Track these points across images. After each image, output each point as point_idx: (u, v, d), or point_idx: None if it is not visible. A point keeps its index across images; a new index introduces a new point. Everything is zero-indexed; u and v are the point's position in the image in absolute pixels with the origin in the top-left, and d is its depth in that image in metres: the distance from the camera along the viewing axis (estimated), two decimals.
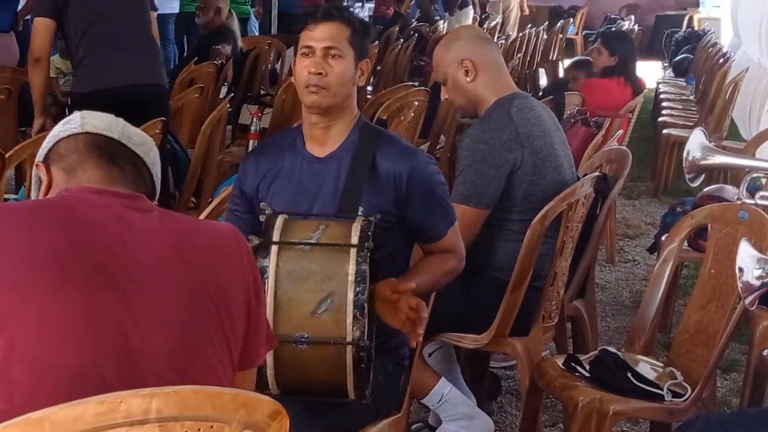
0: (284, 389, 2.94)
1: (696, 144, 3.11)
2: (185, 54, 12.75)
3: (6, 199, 5.09)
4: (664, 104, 11.53)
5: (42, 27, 5.69)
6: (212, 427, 1.92)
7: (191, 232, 2.27)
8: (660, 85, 13.74)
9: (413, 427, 4.33)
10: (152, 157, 2.37)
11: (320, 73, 3.36)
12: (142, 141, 2.37)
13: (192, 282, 2.16)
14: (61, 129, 2.33)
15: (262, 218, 3.10)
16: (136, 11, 6.22)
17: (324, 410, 3.11)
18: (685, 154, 3.18)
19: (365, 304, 2.90)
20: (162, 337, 2.09)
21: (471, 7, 17.10)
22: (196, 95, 7.79)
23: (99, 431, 1.83)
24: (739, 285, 2.72)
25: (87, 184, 2.23)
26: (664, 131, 9.56)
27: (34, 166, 2.36)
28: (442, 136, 8.11)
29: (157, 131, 5.94)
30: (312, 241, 2.97)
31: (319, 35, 3.40)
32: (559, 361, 3.90)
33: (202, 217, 3.96)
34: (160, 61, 6.71)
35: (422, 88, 8.11)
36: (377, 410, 3.32)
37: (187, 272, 2.17)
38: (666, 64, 17.35)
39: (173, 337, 2.11)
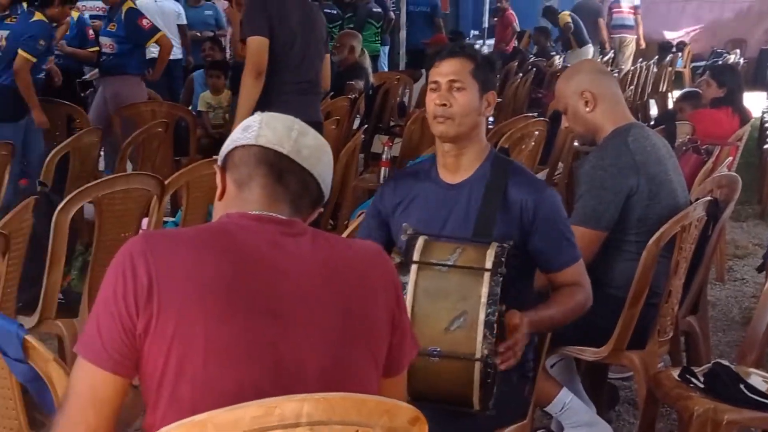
0: (414, 396, 2.90)
1: None
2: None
3: (165, 222, 5.20)
4: None
5: (261, 44, 5.70)
6: (358, 431, 1.93)
7: (340, 252, 2.28)
8: (765, 115, 13.46)
9: (538, 431, 4.31)
10: (320, 168, 2.34)
11: (445, 105, 3.40)
12: (312, 152, 2.35)
13: (342, 303, 2.17)
14: (240, 134, 2.32)
15: (403, 237, 3.13)
16: (321, 52, 6.30)
17: (453, 417, 3.10)
18: None
19: (495, 325, 2.91)
20: (315, 356, 2.10)
21: (590, 44, 16.98)
22: (333, 127, 7.85)
23: None
24: None
25: (250, 206, 2.24)
26: None
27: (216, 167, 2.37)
28: (560, 163, 8.08)
29: None
30: (449, 263, 2.99)
31: (444, 70, 3.44)
32: (675, 373, 3.83)
33: (344, 234, 4.00)
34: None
35: (541, 118, 8.08)
36: (503, 418, 3.30)
37: (338, 294, 2.17)
38: None
39: (325, 356, 2.12)
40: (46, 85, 8.31)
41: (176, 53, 11.99)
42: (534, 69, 13.36)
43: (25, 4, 8.06)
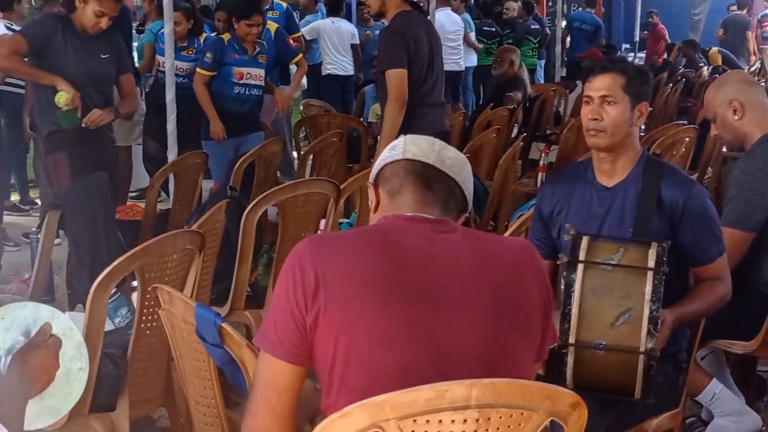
0: (578, 386, 2.93)
1: None
2: (481, 100, 12.90)
3: (340, 223, 5.27)
4: None
5: (401, 76, 5.64)
6: (522, 414, 1.93)
7: (491, 246, 2.29)
8: None
9: (687, 421, 4.23)
10: (464, 176, 2.38)
11: (597, 119, 3.38)
12: (454, 162, 2.38)
13: (496, 291, 2.17)
14: (387, 154, 2.38)
15: (566, 238, 3.13)
16: (443, 67, 6.27)
17: (612, 405, 3.08)
18: None
19: (658, 320, 2.90)
20: (473, 340, 2.11)
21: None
22: (493, 135, 7.86)
23: (428, 414, 1.87)
24: None
25: (403, 209, 2.28)
26: None
27: (368, 186, 2.41)
28: (709, 168, 7.91)
29: None
30: (614, 262, 2.99)
31: (596, 86, 3.42)
32: None
33: (509, 233, 4.00)
34: None
35: (691, 126, 7.97)
36: (657, 406, 3.25)
37: (491, 282, 2.17)
38: None
39: (483, 340, 2.12)
40: None
41: (348, 70, 12.15)
42: (683, 79, 13.11)
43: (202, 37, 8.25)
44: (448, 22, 12.96)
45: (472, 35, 14.22)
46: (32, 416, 2.44)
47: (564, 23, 17.70)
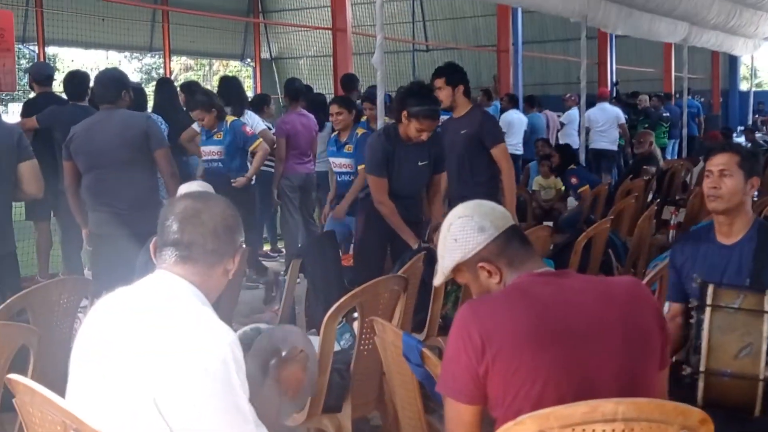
0: (706, 404, 2.84)
1: None
2: (622, 173, 12.72)
3: None
4: None
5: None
6: (659, 426, 1.89)
7: (607, 286, 2.23)
8: None
9: None
10: None
11: (715, 188, 3.30)
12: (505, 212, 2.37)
13: (621, 322, 2.11)
14: (482, 236, 2.25)
15: (694, 285, 3.07)
16: None
17: (735, 420, 2.96)
18: None
19: None
20: (610, 364, 2.06)
21: None
22: (633, 201, 7.72)
23: (582, 424, 1.85)
24: None
25: (525, 269, 2.21)
26: None
27: (478, 268, 2.25)
28: None
29: (605, 227, 5.97)
30: (736, 306, 2.91)
31: (715, 162, 3.35)
32: None
33: (644, 281, 3.92)
34: None
35: None
36: None
37: (617, 315, 2.11)
38: None
39: (618, 363, 2.07)
40: None
41: (519, 149, 12.24)
42: None
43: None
44: (601, 113, 13.07)
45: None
46: (284, 414, 2.53)
47: None
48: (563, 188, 9.61)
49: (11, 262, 4.41)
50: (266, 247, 9.32)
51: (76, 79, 6.79)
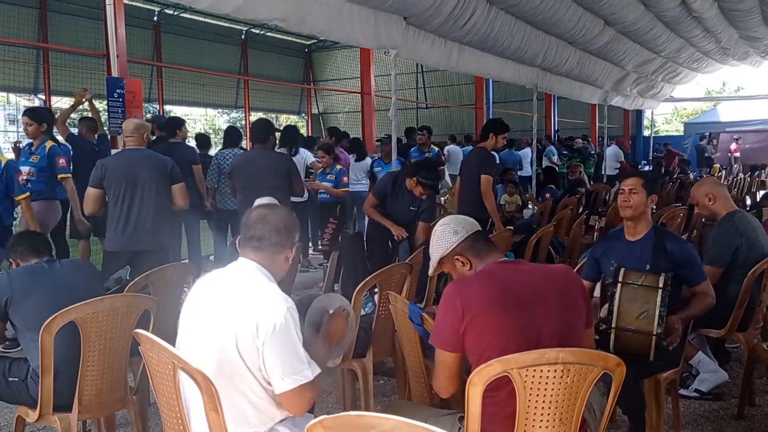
0: (616, 349, 2.84)
1: None
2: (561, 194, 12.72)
3: None
4: None
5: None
6: (588, 368, 1.87)
7: (548, 269, 2.21)
8: None
9: (684, 375, 3.97)
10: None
11: (626, 201, 3.31)
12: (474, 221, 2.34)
13: (558, 293, 2.09)
14: (455, 237, 2.23)
15: (611, 268, 3.06)
16: None
17: (637, 362, 2.92)
18: None
19: (664, 317, 2.82)
20: (552, 323, 2.03)
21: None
22: (569, 212, 7.63)
23: (533, 366, 1.84)
24: None
25: (489, 259, 2.19)
26: None
27: (454, 259, 2.24)
28: (695, 231, 7.47)
29: (549, 230, 5.92)
30: (638, 283, 2.90)
31: (626, 183, 3.37)
32: (765, 345, 3.47)
33: (575, 269, 3.88)
34: None
35: (684, 206, 7.58)
36: (665, 365, 3.08)
37: (556, 288, 2.09)
38: None
39: (558, 322, 2.04)
40: None
41: None
42: (678, 180, 12.58)
43: None
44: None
45: (555, 158, 14.10)
46: (334, 356, 2.51)
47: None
48: (521, 203, 9.59)
49: (163, 255, 4.45)
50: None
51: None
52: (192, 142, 8.49)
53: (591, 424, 2.16)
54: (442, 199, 12.32)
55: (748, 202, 10.47)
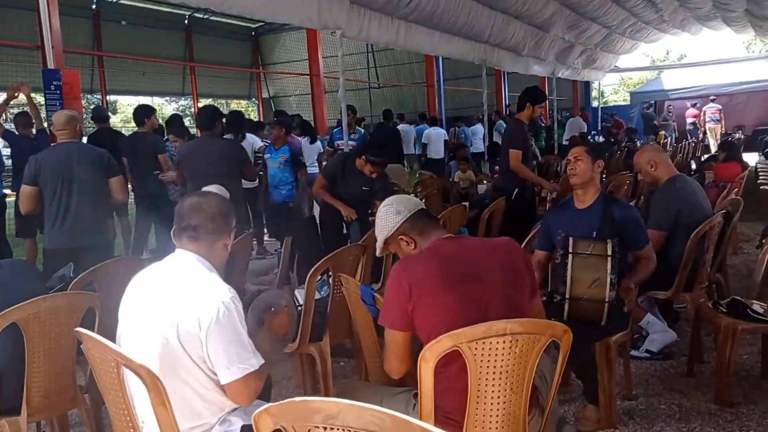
0: (570, 318, 2.89)
1: None
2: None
3: None
4: (760, 174, 10.55)
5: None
6: (536, 337, 1.89)
7: (492, 243, 2.22)
8: (758, 165, 12.43)
9: (635, 336, 4.07)
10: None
11: (572, 169, 3.36)
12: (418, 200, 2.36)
13: (502, 265, 2.09)
14: (397, 218, 2.23)
15: (559, 238, 3.11)
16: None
17: (589, 327, 2.99)
18: None
19: (615, 284, 2.87)
20: (498, 295, 2.04)
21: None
22: None
23: (483, 339, 1.85)
24: None
25: (434, 237, 2.19)
26: (761, 187, 8.78)
27: (399, 239, 2.24)
28: (641, 197, 7.65)
29: (501, 204, 5.96)
30: (588, 252, 2.94)
31: (572, 152, 3.43)
32: (710, 304, 3.56)
33: (527, 239, 3.94)
34: None
35: (630, 174, 7.68)
36: (616, 329, 3.15)
37: (500, 261, 2.10)
38: (761, 154, 15.51)
39: (504, 293, 2.05)
40: None
41: (441, 154, 12.16)
42: (626, 149, 12.85)
43: None
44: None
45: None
46: (280, 349, 2.48)
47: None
48: (474, 179, 9.64)
49: (107, 250, 4.31)
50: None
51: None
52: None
53: (542, 390, 2.19)
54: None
55: (693, 166, 10.81)
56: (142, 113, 6.60)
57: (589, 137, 16.01)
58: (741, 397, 3.36)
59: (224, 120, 5.64)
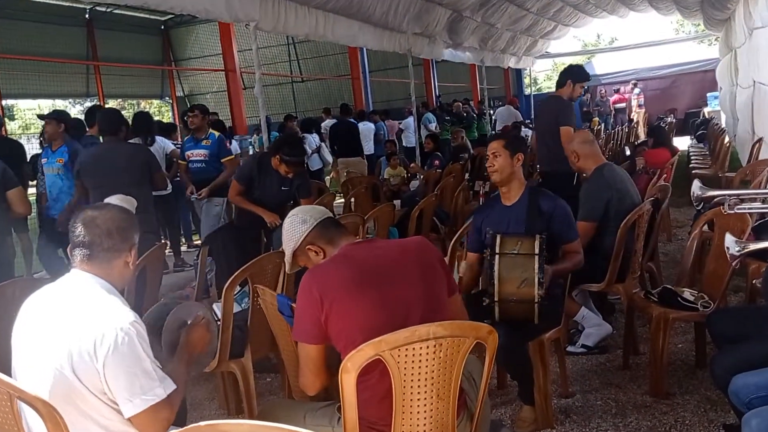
0: (502, 319, 2.96)
1: (695, 188, 2.95)
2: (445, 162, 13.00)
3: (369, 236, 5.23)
4: (692, 158, 10.97)
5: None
6: (460, 339, 1.92)
7: (403, 243, 2.26)
8: (690, 148, 12.98)
9: (571, 331, 4.19)
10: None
11: (491, 166, 3.41)
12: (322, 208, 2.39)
13: (416, 263, 2.13)
14: (303, 227, 2.26)
15: (488, 235, 3.13)
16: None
17: (521, 326, 3.06)
18: (691, 194, 3.00)
19: (543, 283, 2.94)
20: (416, 294, 2.07)
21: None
22: (452, 179, 7.83)
23: (405, 345, 1.87)
24: (728, 255, 2.55)
25: (344, 243, 2.22)
26: (693, 171, 9.10)
27: (307, 250, 2.26)
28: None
29: (432, 201, 6.04)
30: (515, 252, 3.00)
31: (489, 147, 3.47)
32: (642, 294, 3.71)
33: (458, 234, 4.00)
34: None
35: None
36: (549, 326, 3.25)
37: (414, 260, 2.14)
38: (692, 137, 16.24)
39: (420, 293, 2.09)
40: None
41: (371, 150, 12.20)
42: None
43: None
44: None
45: (432, 125, 14.30)
46: (202, 364, 2.43)
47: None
48: (406, 175, 9.73)
49: (4, 271, 4.10)
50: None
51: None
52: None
53: (470, 393, 2.23)
54: (327, 178, 12.29)
55: (628, 152, 11.20)
56: (91, 117, 6.31)
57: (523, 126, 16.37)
58: (676, 387, 3.51)
59: (130, 123, 5.50)
